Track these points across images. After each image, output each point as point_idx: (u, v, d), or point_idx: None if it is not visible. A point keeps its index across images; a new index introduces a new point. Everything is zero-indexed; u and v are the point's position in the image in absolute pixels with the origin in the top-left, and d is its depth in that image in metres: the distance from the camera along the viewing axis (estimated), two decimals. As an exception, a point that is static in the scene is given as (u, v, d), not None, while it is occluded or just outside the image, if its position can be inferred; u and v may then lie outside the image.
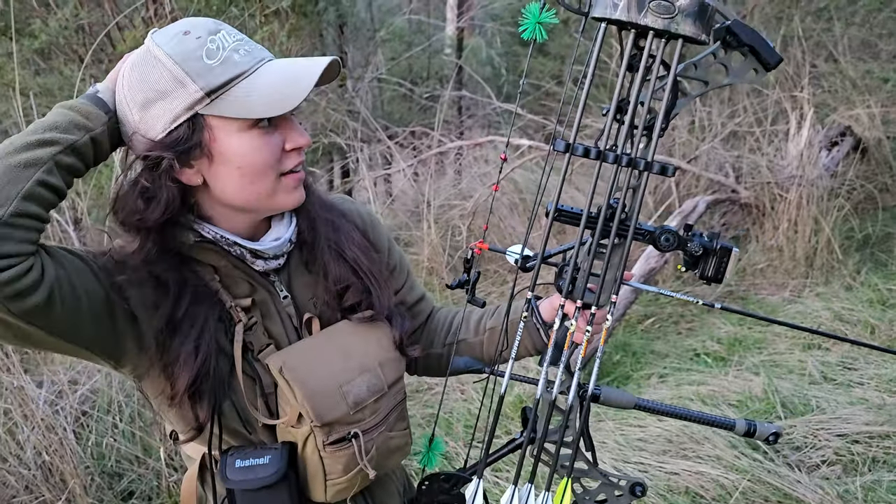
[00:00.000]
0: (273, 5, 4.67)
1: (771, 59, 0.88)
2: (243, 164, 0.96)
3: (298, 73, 0.96)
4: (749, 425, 1.21)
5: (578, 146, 0.89)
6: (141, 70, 0.94)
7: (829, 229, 4.82)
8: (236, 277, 1.06)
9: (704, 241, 1.03)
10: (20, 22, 4.54)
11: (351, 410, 1.04)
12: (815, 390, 3.35)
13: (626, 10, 0.81)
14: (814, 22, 6.61)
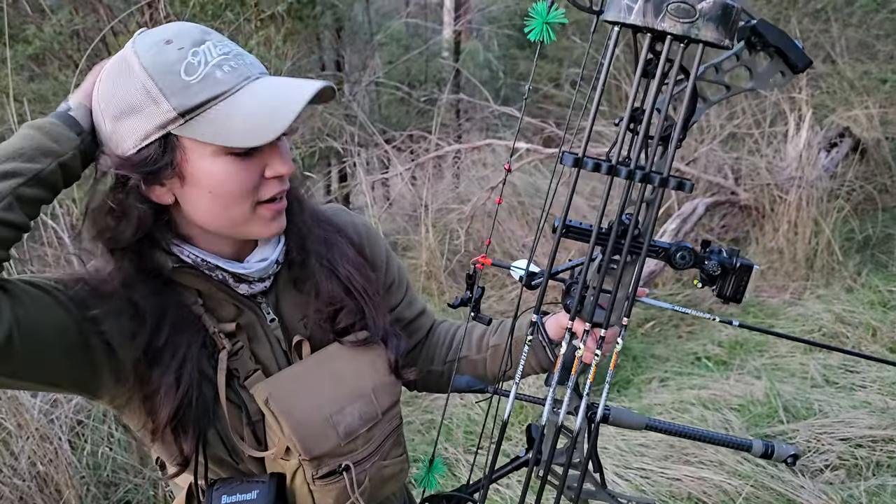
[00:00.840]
0: (268, 10, 4.65)
1: (799, 61, 0.82)
2: (215, 190, 0.89)
3: (284, 98, 0.87)
4: (766, 447, 1.19)
5: (588, 161, 0.82)
6: (115, 79, 0.87)
7: (829, 231, 4.81)
8: (221, 300, 1.00)
9: (724, 259, 0.97)
10: (14, 27, 4.51)
11: (342, 442, 0.98)
12: (818, 394, 3.33)
13: (642, 15, 0.74)
14: (811, 23, 6.60)
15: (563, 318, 1.12)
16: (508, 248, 5.42)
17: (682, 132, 0.82)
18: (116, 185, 0.89)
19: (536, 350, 1.17)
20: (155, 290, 0.93)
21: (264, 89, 0.88)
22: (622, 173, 0.82)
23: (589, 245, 0.88)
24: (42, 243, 3.29)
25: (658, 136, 0.81)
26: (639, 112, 0.83)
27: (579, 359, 0.93)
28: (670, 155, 0.83)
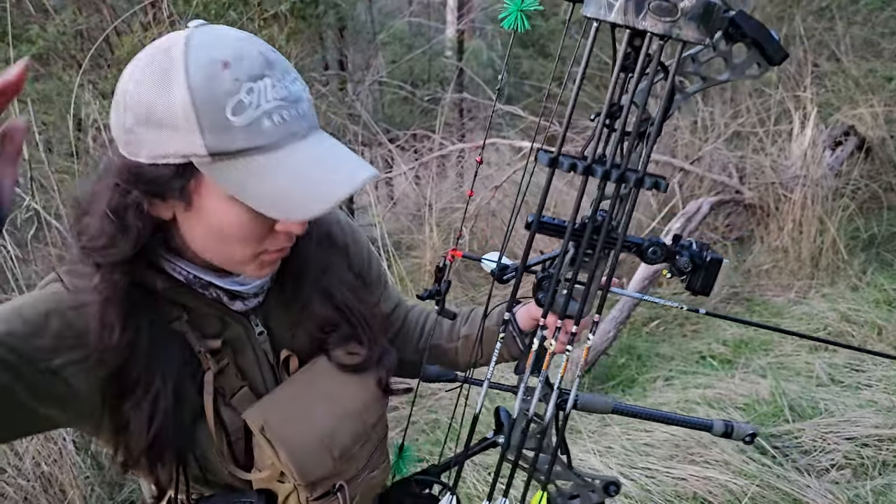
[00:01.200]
0: (272, 9, 4.65)
1: (776, 54, 0.80)
2: (220, 230, 0.83)
3: (323, 179, 0.80)
4: (726, 426, 1.20)
5: (563, 161, 0.80)
6: (153, 82, 0.76)
7: (834, 229, 4.79)
8: (208, 316, 0.94)
9: (694, 252, 0.97)
10: (18, 27, 4.52)
11: (337, 464, 0.96)
12: (823, 393, 3.32)
13: (623, 13, 0.72)
14: (816, 21, 6.59)
15: (533, 308, 1.11)
16: (511, 246, 5.41)
17: (658, 128, 0.81)
18: (116, 195, 0.82)
19: (507, 341, 1.16)
20: (136, 311, 0.86)
21: (306, 156, 0.80)
22: (598, 173, 0.80)
23: (563, 241, 0.87)
24: (46, 243, 3.29)
25: (635, 132, 0.80)
26: (615, 108, 0.81)
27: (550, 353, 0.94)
28: (646, 153, 0.81)
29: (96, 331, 0.84)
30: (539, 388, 0.96)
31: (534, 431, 0.99)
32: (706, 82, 0.85)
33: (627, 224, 0.84)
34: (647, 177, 0.81)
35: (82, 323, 0.84)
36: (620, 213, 0.87)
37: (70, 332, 0.83)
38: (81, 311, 0.84)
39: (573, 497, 1.09)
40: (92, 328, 0.84)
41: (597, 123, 0.82)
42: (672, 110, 0.84)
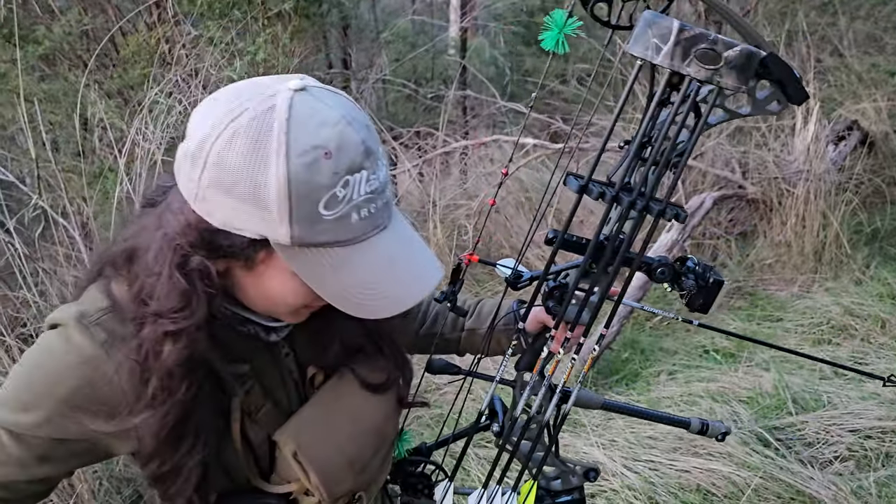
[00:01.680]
0: (275, 8, 4.67)
1: (797, 95, 0.84)
2: (276, 297, 0.84)
3: (395, 282, 0.80)
4: (702, 423, 1.29)
5: (593, 189, 0.85)
6: (249, 153, 0.71)
7: (837, 224, 4.79)
8: (236, 342, 0.92)
9: (699, 274, 1.03)
10: (24, 28, 4.55)
11: (358, 477, 0.99)
12: (826, 385, 3.33)
13: (670, 58, 0.75)
14: (818, 16, 6.58)
15: (540, 312, 1.14)
16: (516, 243, 5.42)
17: (684, 162, 0.86)
18: (178, 254, 0.78)
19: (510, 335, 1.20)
20: (191, 371, 0.84)
21: (384, 253, 0.80)
22: (624, 203, 0.85)
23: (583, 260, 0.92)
24: (53, 242, 3.32)
25: (663, 162, 0.84)
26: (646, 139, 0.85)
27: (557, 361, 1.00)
28: (670, 185, 0.86)
29: (156, 389, 0.81)
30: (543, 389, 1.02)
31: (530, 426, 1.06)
32: (728, 114, 0.89)
33: (645, 248, 0.90)
34: (669, 207, 0.85)
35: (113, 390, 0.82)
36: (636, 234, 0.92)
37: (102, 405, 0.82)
38: (118, 374, 0.82)
39: (555, 479, 1.19)
40: (151, 388, 0.81)
41: (626, 152, 0.86)
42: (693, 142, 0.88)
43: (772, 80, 0.83)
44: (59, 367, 0.82)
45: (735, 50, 0.74)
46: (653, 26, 0.75)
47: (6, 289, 3.45)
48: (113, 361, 0.81)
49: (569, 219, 0.88)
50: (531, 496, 1.04)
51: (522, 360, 1.14)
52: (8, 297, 3.39)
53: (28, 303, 3.09)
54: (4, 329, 2.85)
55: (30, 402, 0.82)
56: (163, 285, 0.78)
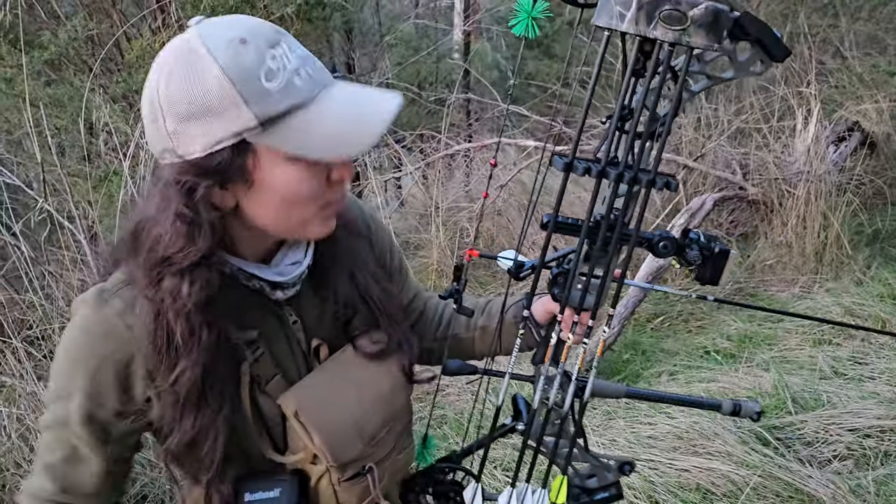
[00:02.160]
0: (277, 12, 4.71)
1: (779, 52, 0.82)
2: (287, 195, 0.87)
3: (363, 112, 0.86)
4: (734, 405, 1.26)
5: (578, 165, 0.83)
6: (186, 76, 0.80)
7: (837, 225, 4.80)
8: (246, 308, 0.97)
9: (703, 244, 1.00)
10: (30, 33, 4.59)
11: (367, 447, 1.01)
12: (826, 385, 3.34)
13: (635, 23, 0.74)
14: (819, 18, 6.59)
15: (548, 302, 1.14)
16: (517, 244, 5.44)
17: (668, 129, 0.84)
18: (182, 196, 0.84)
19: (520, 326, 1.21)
20: (208, 318, 0.89)
21: (341, 97, 0.86)
22: (611, 175, 0.83)
23: (579, 240, 0.90)
24: (59, 246, 3.35)
25: (646, 134, 0.83)
26: (626, 111, 0.84)
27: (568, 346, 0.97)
28: (657, 154, 0.83)
29: (184, 337, 0.87)
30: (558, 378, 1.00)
31: (552, 419, 1.03)
32: (711, 80, 0.87)
33: (640, 221, 0.87)
34: (658, 177, 0.83)
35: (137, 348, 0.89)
36: (632, 210, 0.90)
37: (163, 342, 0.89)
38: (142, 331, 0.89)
39: (590, 476, 1.14)
40: (179, 336, 0.87)
41: (608, 126, 0.84)
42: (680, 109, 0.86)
43: (750, 40, 0.82)
44: (82, 348, 0.90)
45: (700, 7, 0.73)
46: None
47: (13, 292, 3.48)
48: (132, 329, 0.88)
49: (558, 199, 0.87)
50: (563, 491, 1.01)
51: (537, 354, 1.12)
52: (14, 300, 3.42)
53: (34, 306, 3.12)
54: (11, 332, 2.89)
55: (66, 387, 0.90)
56: (167, 230, 0.85)
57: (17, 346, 2.85)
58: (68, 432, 0.92)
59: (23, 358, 2.86)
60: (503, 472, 2.78)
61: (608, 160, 0.84)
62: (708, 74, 0.87)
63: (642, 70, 0.81)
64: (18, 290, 3.43)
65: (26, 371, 2.84)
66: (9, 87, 4.64)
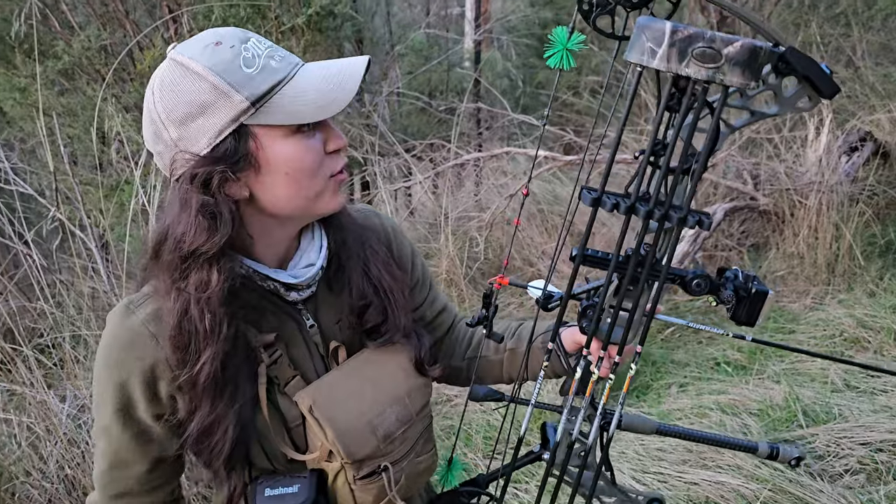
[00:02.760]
0: (289, 22, 4.74)
1: (827, 88, 0.79)
2: (291, 169, 0.93)
3: (339, 74, 0.94)
4: (771, 448, 1.22)
5: (607, 201, 0.81)
6: (175, 85, 0.89)
7: (850, 235, 4.76)
8: (262, 310, 1.03)
9: (739, 284, 0.97)
10: (44, 44, 4.64)
11: (381, 444, 1.03)
12: (838, 398, 3.31)
13: (666, 60, 0.72)
14: (831, 27, 6.57)
15: (577, 332, 1.15)
16: (528, 255, 5.44)
17: (704, 165, 0.80)
18: (198, 192, 0.91)
19: (551, 359, 1.21)
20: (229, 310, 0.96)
21: (316, 69, 0.94)
22: (641, 213, 0.80)
23: (607, 274, 0.88)
24: (71, 254, 3.37)
25: (680, 169, 0.80)
26: (659, 146, 0.82)
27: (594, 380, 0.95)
28: (690, 190, 0.81)
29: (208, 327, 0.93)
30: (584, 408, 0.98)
31: (578, 451, 1.02)
32: (753, 116, 0.84)
33: (671, 258, 0.84)
34: (691, 214, 0.80)
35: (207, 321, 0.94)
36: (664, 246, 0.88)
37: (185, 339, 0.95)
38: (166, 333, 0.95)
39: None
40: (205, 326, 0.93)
41: (641, 161, 0.81)
42: (718, 146, 0.83)
43: (797, 75, 0.79)
44: (110, 357, 0.97)
45: (735, 45, 0.70)
46: (646, 31, 0.72)
47: (24, 300, 3.50)
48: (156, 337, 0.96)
49: (586, 234, 0.85)
50: None
51: (565, 384, 1.11)
52: (26, 308, 3.45)
53: (45, 314, 3.14)
54: (22, 339, 2.90)
55: (102, 395, 0.99)
56: (191, 224, 0.91)
57: (28, 355, 2.87)
58: (110, 438, 1.00)
59: (33, 366, 2.88)
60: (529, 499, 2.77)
61: (638, 196, 0.81)
62: (751, 110, 0.83)
63: (676, 105, 0.79)
64: (30, 298, 3.45)
65: (36, 380, 2.86)
66: (23, 96, 4.69)
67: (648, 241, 0.86)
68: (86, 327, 3.13)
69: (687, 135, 0.79)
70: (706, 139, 0.80)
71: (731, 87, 0.72)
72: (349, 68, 0.94)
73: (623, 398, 0.95)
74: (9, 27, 4.37)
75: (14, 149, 4.74)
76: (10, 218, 3.25)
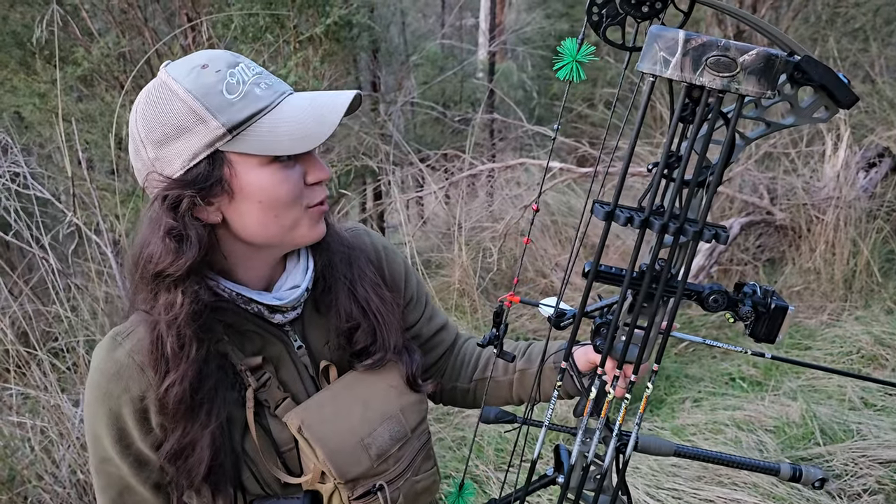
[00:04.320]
0: (307, 32, 4.76)
1: (845, 98, 0.78)
2: (265, 199, 0.92)
3: (322, 107, 0.92)
4: (794, 470, 1.18)
5: (620, 215, 0.78)
6: (156, 106, 0.89)
7: (867, 251, 4.72)
8: (247, 333, 1.01)
9: (758, 300, 0.94)
10: (64, 50, 4.68)
11: (374, 463, 1.01)
12: (855, 416, 3.27)
13: (680, 69, 0.70)
14: (849, 42, 6.54)
15: (591, 351, 1.13)
16: (541, 266, 5.42)
17: (719, 177, 0.78)
18: (168, 214, 0.90)
19: (564, 380, 1.18)
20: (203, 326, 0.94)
21: (301, 101, 0.92)
22: (655, 227, 0.78)
23: (621, 291, 0.85)
24: (86, 258, 3.38)
25: (695, 181, 0.78)
26: (673, 158, 0.80)
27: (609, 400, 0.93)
28: (706, 203, 0.78)
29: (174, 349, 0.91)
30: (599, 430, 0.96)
31: (593, 474, 0.99)
32: (769, 127, 0.82)
33: (687, 273, 0.82)
34: (707, 228, 0.78)
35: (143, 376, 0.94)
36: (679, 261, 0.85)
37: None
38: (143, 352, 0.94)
39: None
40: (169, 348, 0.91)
41: (654, 174, 0.79)
42: (733, 158, 0.81)
43: (813, 85, 0.78)
44: (99, 389, 0.95)
45: (751, 54, 0.68)
46: (658, 40, 0.70)
47: (40, 303, 3.52)
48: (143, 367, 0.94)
49: (599, 249, 0.83)
50: None
51: (579, 405, 1.08)
52: (41, 311, 3.46)
53: (60, 318, 3.15)
54: (37, 343, 2.91)
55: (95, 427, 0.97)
56: (158, 245, 0.90)
57: (43, 358, 2.88)
58: (113, 466, 0.98)
59: (47, 370, 2.88)
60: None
61: (652, 210, 0.79)
62: (766, 121, 0.82)
63: (690, 116, 0.77)
64: (45, 302, 3.47)
65: (51, 383, 2.86)
66: (42, 101, 4.73)
67: (663, 257, 0.84)
68: (100, 332, 3.14)
69: (702, 146, 0.77)
70: (721, 150, 0.78)
71: (747, 96, 0.70)
72: (333, 102, 0.92)
73: (640, 418, 0.92)
74: (30, 33, 4.41)
75: (32, 153, 4.78)
76: (27, 222, 3.27)
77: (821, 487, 1.18)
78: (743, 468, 1.22)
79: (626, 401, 0.90)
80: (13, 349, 2.86)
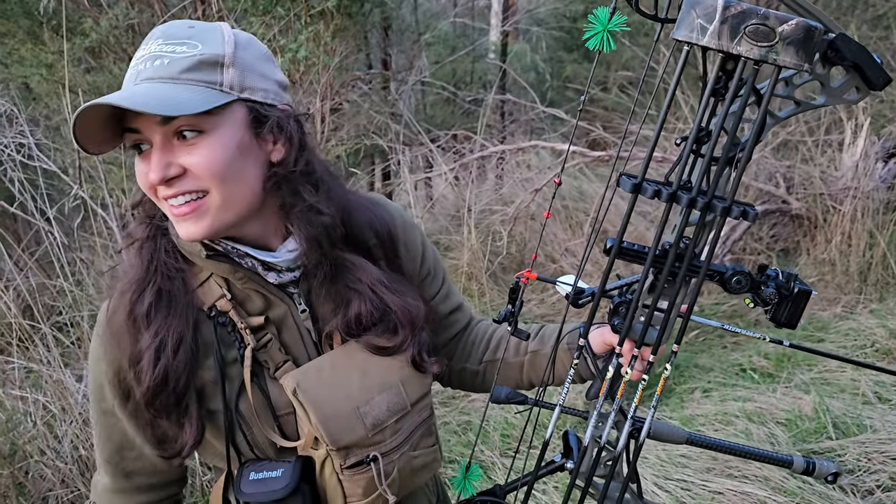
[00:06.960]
0: (318, 6, 4.68)
1: (878, 78, 0.76)
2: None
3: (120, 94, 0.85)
4: (808, 463, 1.16)
5: (647, 187, 0.76)
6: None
7: (884, 244, 4.65)
8: (249, 291, 1.01)
9: (781, 283, 0.91)
10: (72, 21, 4.63)
11: (369, 433, 0.98)
12: (869, 410, 3.21)
13: (717, 37, 0.68)
14: (870, 30, 6.43)
15: (607, 333, 1.10)
16: (551, 251, 5.37)
17: (749, 153, 0.76)
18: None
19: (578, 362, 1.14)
20: (159, 255, 0.99)
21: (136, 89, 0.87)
22: (683, 200, 0.76)
23: (644, 268, 0.82)
24: (91, 232, 3.35)
25: (724, 159, 0.76)
26: (703, 133, 0.77)
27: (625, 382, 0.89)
28: (735, 181, 0.76)
29: (137, 267, 0.98)
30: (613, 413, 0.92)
31: (604, 459, 0.97)
32: (800, 107, 0.81)
33: (712, 252, 0.80)
34: (735, 205, 0.76)
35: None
36: (703, 239, 0.82)
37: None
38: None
39: None
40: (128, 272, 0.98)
41: (683, 148, 0.78)
42: (763, 136, 0.79)
43: (846, 65, 0.76)
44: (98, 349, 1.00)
45: (791, 24, 0.66)
46: (696, 7, 0.69)
47: (44, 277, 3.49)
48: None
49: (624, 223, 0.80)
50: None
51: (592, 388, 1.05)
52: (45, 285, 3.43)
53: (65, 292, 3.13)
54: (41, 316, 2.89)
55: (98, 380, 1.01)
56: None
57: (46, 332, 2.85)
58: (115, 419, 1.01)
59: (51, 344, 2.86)
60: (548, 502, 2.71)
61: (680, 184, 0.76)
62: (796, 100, 0.80)
63: (723, 90, 0.74)
64: (50, 276, 3.44)
65: (54, 358, 2.84)
66: (49, 72, 4.69)
67: (687, 236, 0.81)
68: (104, 307, 3.11)
69: (733, 122, 0.75)
70: (754, 124, 0.75)
71: (785, 67, 0.68)
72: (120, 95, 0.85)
73: (656, 401, 0.89)
74: (38, 3, 4.36)
75: (39, 125, 4.73)
76: (32, 194, 3.23)
77: (834, 482, 1.16)
78: (755, 459, 1.20)
79: (644, 382, 0.87)
80: (16, 323, 2.83)
